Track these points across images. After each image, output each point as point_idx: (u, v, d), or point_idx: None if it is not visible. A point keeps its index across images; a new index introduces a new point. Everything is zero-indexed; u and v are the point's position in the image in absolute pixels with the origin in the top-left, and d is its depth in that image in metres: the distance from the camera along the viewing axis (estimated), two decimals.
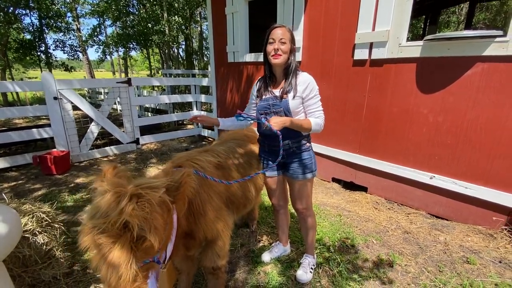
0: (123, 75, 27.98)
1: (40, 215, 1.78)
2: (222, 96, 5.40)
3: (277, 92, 1.71)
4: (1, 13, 8.84)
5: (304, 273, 1.91)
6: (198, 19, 15.36)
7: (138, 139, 5.29)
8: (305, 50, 3.60)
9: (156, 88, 10.21)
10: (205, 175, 1.41)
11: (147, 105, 8.86)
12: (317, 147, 3.57)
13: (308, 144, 1.77)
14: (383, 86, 2.93)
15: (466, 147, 2.48)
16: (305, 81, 1.65)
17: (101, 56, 16.77)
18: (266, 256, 2.13)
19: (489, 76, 2.25)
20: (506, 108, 2.22)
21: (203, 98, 6.10)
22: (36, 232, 1.73)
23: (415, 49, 2.61)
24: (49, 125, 4.24)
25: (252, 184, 1.83)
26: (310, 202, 1.88)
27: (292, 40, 1.66)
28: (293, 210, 2.01)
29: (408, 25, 2.68)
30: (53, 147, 4.54)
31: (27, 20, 13.05)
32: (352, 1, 2.98)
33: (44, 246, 1.76)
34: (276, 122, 1.49)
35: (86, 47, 15.16)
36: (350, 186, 3.51)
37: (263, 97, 1.75)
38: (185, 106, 9.55)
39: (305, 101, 1.67)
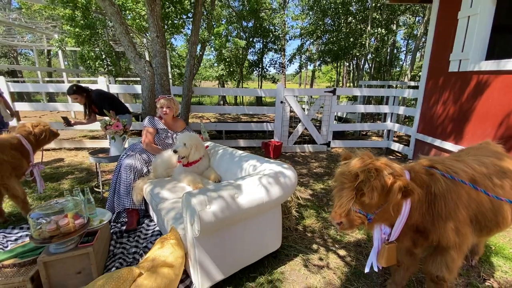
0: (307, 86, 31.58)
1: None
2: (429, 109, 4.84)
3: None
4: (246, 41, 12.90)
5: None
6: (394, 28, 14.40)
7: (329, 142, 5.89)
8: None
9: (345, 98, 10.76)
10: (462, 181, 1.40)
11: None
12: None
13: None
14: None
15: None
16: None
17: (298, 70, 19.91)
18: None
19: None
20: None
21: (401, 110, 5.75)
22: None
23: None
24: (268, 121, 5.68)
25: (510, 208, 1.58)
26: None
27: None
28: None
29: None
30: (270, 138, 6.05)
31: (258, 45, 17.77)
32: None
33: (288, 203, 2.46)
34: None
35: (288, 64, 18.59)
36: None
37: None
38: (374, 117, 9.36)
39: None
